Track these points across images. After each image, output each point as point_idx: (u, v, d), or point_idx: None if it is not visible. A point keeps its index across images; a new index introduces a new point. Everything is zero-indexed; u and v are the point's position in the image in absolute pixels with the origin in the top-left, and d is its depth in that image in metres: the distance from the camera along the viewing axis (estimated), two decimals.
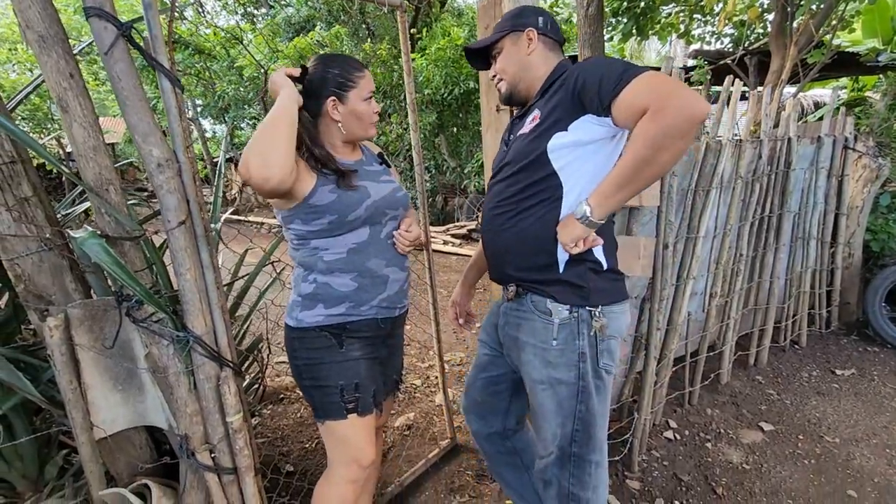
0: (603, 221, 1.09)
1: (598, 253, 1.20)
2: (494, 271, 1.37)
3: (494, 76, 1.34)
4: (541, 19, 1.26)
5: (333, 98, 1.25)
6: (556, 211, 1.17)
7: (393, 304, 1.36)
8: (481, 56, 1.37)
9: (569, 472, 1.28)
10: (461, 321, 1.69)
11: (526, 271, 1.24)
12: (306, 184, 1.21)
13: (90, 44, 1.41)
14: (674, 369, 2.32)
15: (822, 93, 8.56)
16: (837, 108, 3.14)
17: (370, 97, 1.29)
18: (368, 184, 1.30)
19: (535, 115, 1.21)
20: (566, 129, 1.13)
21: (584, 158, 1.14)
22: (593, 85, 1.06)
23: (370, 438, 1.33)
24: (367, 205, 1.26)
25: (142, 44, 1.03)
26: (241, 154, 1.10)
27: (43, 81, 1.14)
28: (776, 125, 2.68)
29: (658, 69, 1.95)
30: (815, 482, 1.97)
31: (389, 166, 1.45)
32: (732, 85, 2.25)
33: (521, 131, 1.25)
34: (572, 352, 1.19)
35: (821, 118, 3.36)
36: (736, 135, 2.27)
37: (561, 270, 1.19)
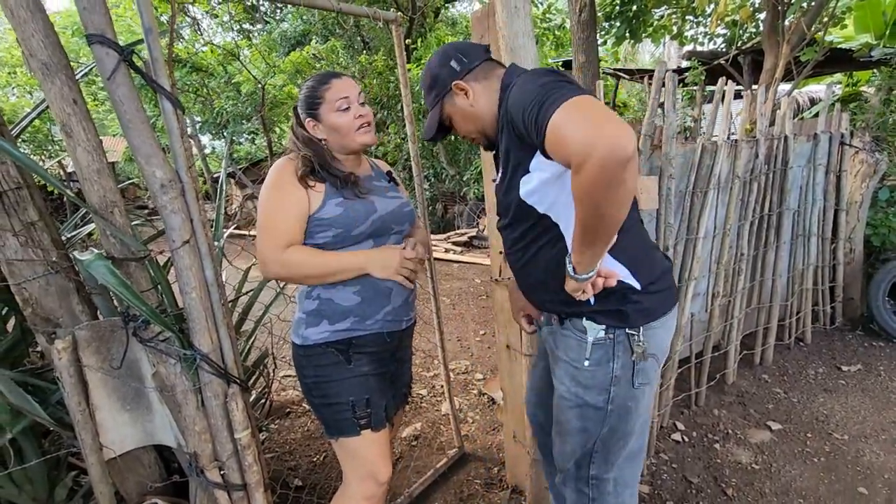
0: (592, 273, 0.99)
1: (626, 278, 1.10)
2: (537, 306, 1.31)
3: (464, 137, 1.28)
4: (453, 63, 1.16)
5: (310, 119, 1.29)
6: (563, 249, 1.10)
7: (398, 317, 1.36)
8: (443, 128, 1.27)
9: (588, 496, 1.24)
10: (530, 325, 1.46)
11: (560, 305, 1.16)
12: (318, 197, 1.24)
13: (91, 69, 1.44)
14: (679, 371, 2.32)
15: (817, 89, 8.60)
16: (832, 105, 3.16)
17: (345, 106, 1.26)
18: (376, 198, 1.31)
19: (500, 160, 1.16)
20: (529, 171, 1.06)
21: (563, 192, 1.05)
22: (521, 125, 0.97)
23: (385, 453, 1.31)
24: (372, 219, 1.27)
25: (142, 66, 1.05)
26: (241, 169, 1.14)
27: (47, 107, 1.16)
28: (772, 123, 2.69)
29: (651, 71, 1.96)
30: (825, 480, 1.96)
31: (398, 184, 1.46)
32: (725, 85, 2.27)
33: (494, 179, 1.22)
34: (604, 374, 1.12)
35: (817, 115, 3.38)
36: (733, 133, 2.29)
37: (592, 303, 1.11)
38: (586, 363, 1.13)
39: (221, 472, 1.24)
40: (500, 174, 1.17)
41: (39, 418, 1.24)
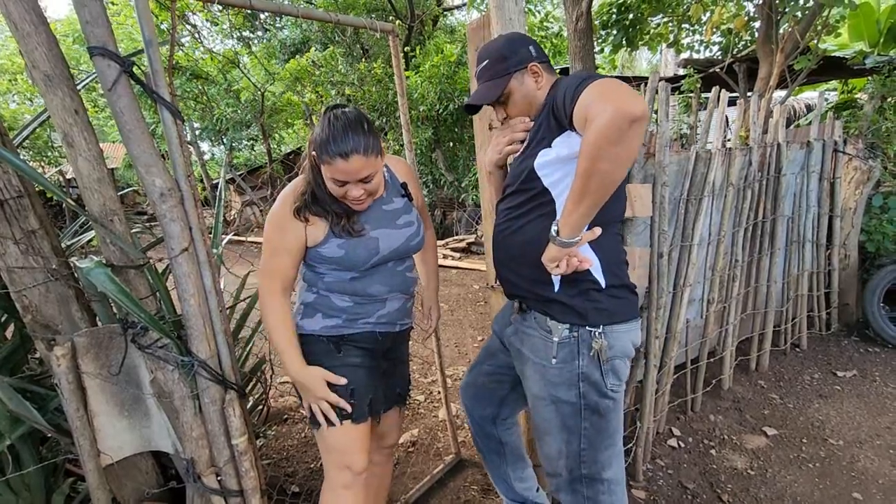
0: (574, 240, 1.06)
1: (595, 272, 1.18)
2: (504, 285, 1.37)
3: (505, 118, 1.31)
4: (532, 48, 1.24)
5: (315, 156, 1.20)
6: (548, 226, 1.16)
7: (392, 321, 1.38)
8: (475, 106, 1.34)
9: (582, 495, 1.27)
10: None
11: (528, 284, 1.24)
12: (319, 232, 1.25)
13: (93, 78, 1.46)
14: (675, 377, 2.33)
15: (813, 96, 8.67)
16: (825, 113, 3.20)
17: (342, 183, 1.17)
18: (381, 233, 1.28)
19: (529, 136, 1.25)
20: (550, 146, 1.15)
21: (571, 173, 1.11)
22: (560, 101, 1.08)
23: (363, 446, 1.33)
24: (374, 260, 1.28)
25: (142, 77, 1.07)
26: (240, 175, 1.16)
27: (48, 117, 1.18)
28: (765, 131, 2.72)
29: (646, 79, 2.00)
30: (820, 486, 1.97)
31: (412, 199, 1.41)
32: (719, 95, 2.30)
33: (516, 154, 1.29)
34: (570, 371, 1.19)
35: (811, 122, 3.41)
36: (728, 140, 2.32)
37: (556, 290, 1.20)
38: (553, 361, 1.20)
39: (218, 478, 1.26)
40: (523, 148, 1.25)
41: (38, 424, 1.25)
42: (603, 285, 1.18)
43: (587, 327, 1.17)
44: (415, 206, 1.43)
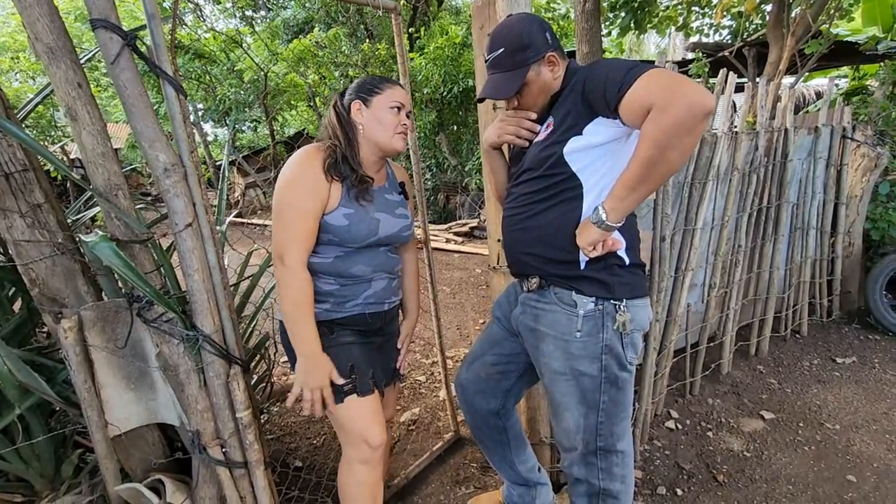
0: (619, 224, 1.10)
1: (621, 251, 1.20)
2: (515, 265, 1.36)
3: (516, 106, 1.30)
4: (547, 34, 1.21)
5: (358, 101, 1.31)
6: (577, 209, 1.19)
7: (380, 300, 1.40)
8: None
9: (596, 467, 1.30)
10: None
11: (549, 265, 1.24)
12: (335, 197, 1.26)
13: (95, 54, 1.45)
14: (674, 360, 2.35)
15: (823, 82, 8.54)
16: (834, 99, 3.15)
17: (397, 107, 1.31)
18: (382, 216, 1.33)
19: (550, 122, 1.23)
20: (581, 133, 1.14)
21: (601, 159, 1.16)
22: (599, 88, 1.07)
23: (376, 419, 1.34)
24: (370, 241, 1.31)
25: (145, 51, 1.06)
26: (243, 156, 1.16)
27: (51, 91, 1.18)
28: (773, 117, 2.69)
29: (654, 62, 1.97)
30: (814, 468, 2.00)
31: (408, 198, 1.49)
32: (727, 78, 2.27)
33: (537, 139, 1.26)
34: (595, 344, 1.20)
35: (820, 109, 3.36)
36: (735, 125, 2.29)
37: (581, 267, 1.20)
38: (578, 334, 1.21)
39: (223, 450, 1.28)
40: (546, 132, 1.23)
41: (46, 395, 1.28)
42: (627, 262, 1.22)
43: (612, 300, 1.19)
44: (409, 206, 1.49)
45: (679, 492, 1.91)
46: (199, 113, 11.55)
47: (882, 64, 4.77)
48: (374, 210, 1.32)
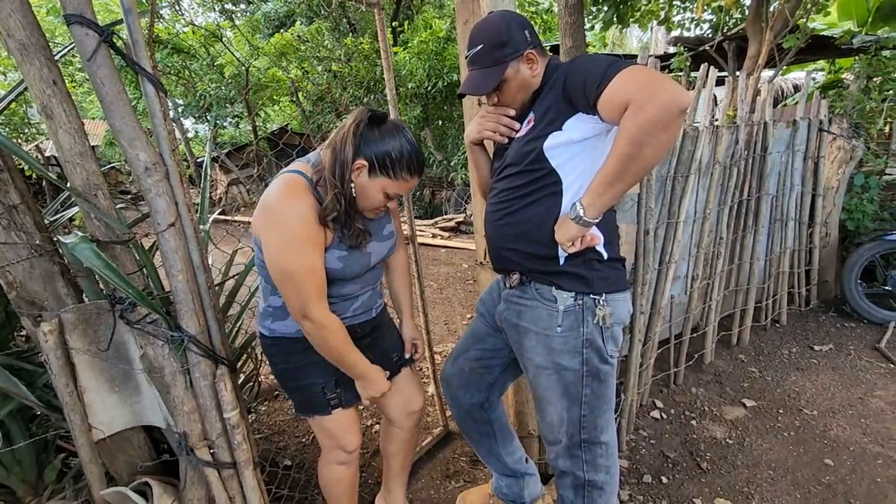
0: (597, 220, 1.12)
1: (600, 246, 1.22)
2: (497, 260, 1.38)
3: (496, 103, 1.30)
4: (527, 32, 1.21)
5: (365, 163, 1.16)
6: (557, 205, 1.20)
7: (367, 308, 1.39)
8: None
9: (581, 459, 1.32)
10: None
11: (530, 260, 1.26)
12: (328, 240, 1.20)
13: (70, 49, 1.42)
14: (659, 351, 2.39)
15: (801, 76, 8.69)
16: (811, 93, 3.22)
17: (392, 195, 1.23)
18: (373, 247, 1.31)
19: (531, 117, 1.24)
20: (561, 129, 1.15)
21: (581, 155, 1.17)
22: (579, 84, 1.08)
23: (353, 427, 1.42)
24: (364, 272, 1.31)
25: (122, 47, 1.04)
26: (225, 153, 1.13)
27: (25, 89, 1.14)
28: (752, 110, 2.74)
29: (636, 57, 1.99)
30: (794, 453, 2.06)
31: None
32: (707, 72, 2.31)
33: (518, 134, 1.28)
34: (576, 339, 1.22)
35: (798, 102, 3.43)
36: (716, 119, 2.33)
37: (561, 263, 1.22)
38: (558, 329, 1.23)
39: (211, 451, 1.27)
40: (527, 128, 1.24)
41: (27, 400, 1.25)
42: (605, 257, 1.24)
43: (591, 295, 1.21)
44: (391, 212, 1.41)
45: (664, 479, 1.95)
46: (180, 109, 11.32)
47: (857, 58, 4.88)
48: (366, 245, 1.29)
